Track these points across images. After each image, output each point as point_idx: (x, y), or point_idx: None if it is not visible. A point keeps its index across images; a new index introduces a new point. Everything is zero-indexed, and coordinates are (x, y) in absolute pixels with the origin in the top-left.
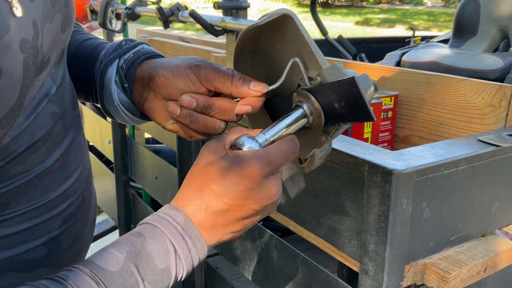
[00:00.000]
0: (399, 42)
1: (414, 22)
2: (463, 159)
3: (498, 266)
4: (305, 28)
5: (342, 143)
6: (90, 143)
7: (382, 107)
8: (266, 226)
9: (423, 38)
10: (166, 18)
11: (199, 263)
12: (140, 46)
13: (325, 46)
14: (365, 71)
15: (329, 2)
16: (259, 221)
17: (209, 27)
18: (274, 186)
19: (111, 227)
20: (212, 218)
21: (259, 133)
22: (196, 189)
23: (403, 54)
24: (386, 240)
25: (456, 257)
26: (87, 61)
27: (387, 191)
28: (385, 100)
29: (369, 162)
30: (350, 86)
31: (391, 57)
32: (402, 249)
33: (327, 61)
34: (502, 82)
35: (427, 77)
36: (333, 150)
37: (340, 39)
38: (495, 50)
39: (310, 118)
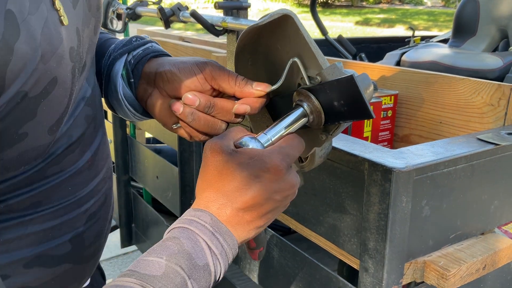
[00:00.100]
0: (399, 42)
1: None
2: (462, 158)
3: (497, 264)
4: (305, 28)
5: (342, 142)
6: None
7: (382, 106)
8: None
9: (423, 38)
10: (167, 18)
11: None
12: (149, 44)
13: (325, 46)
14: (365, 71)
15: (329, 2)
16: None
17: (210, 27)
18: (294, 176)
19: (112, 227)
20: (238, 215)
21: (261, 133)
22: (217, 189)
23: (403, 53)
24: (386, 238)
25: (455, 255)
26: (95, 54)
27: (387, 189)
28: (385, 99)
29: (369, 161)
30: (349, 84)
31: (391, 57)
32: (401, 247)
33: (327, 61)
34: (502, 82)
35: (427, 76)
36: (333, 148)
37: (340, 39)
38: (495, 50)
39: (310, 117)
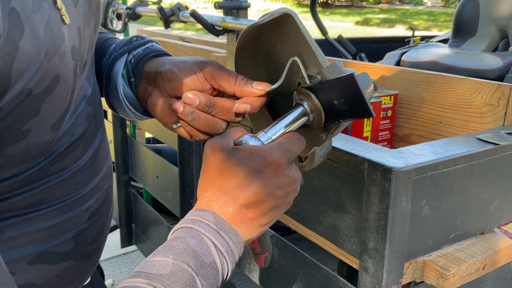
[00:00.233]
0: (399, 42)
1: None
2: (462, 157)
3: (496, 264)
4: (305, 27)
5: (342, 142)
6: None
7: (382, 106)
8: None
9: (423, 38)
10: (167, 18)
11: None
12: (150, 44)
13: (325, 46)
14: (365, 71)
15: (329, 2)
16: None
17: (210, 27)
18: (295, 171)
19: (112, 226)
20: (240, 212)
21: (261, 132)
22: (218, 187)
23: (403, 53)
24: (385, 237)
25: (455, 254)
26: (96, 53)
27: (387, 189)
28: (384, 99)
29: (368, 160)
30: (349, 82)
31: (391, 57)
32: (401, 246)
33: (327, 60)
34: (502, 82)
35: (427, 76)
36: (333, 148)
37: (340, 39)
38: (495, 50)
39: (311, 116)
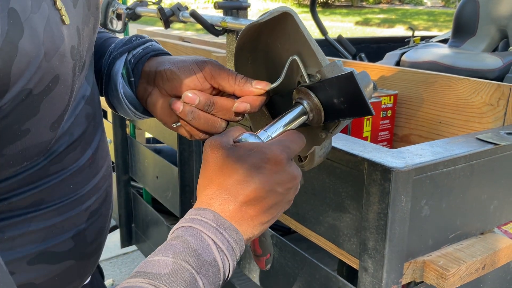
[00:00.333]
0: (399, 42)
1: (414, 22)
2: (462, 157)
3: (496, 264)
4: (304, 26)
5: (341, 142)
6: None
7: (382, 106)
8: None
9: (423, 38)
10: (167, 18)
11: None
12: (149, 43)
13: (325, 46)
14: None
15: (329, 2)
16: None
17: (209, 27)
18: (296, 168)
19: (112, 226)
20: (241, 209)
21: (260, 130)
22: (218, 185)
23: (403, 54)
24: (385, 237)
25: (455, 254)
26: (96, 53)
27: (386, 189)
28: (384, 99)
29: (368, 160)
30: (349, 80)
31: (391, 57)
32: (401, 246)
33: (327, 58)
34: (501, 82)
35: (426, 76)
36: (332, 148)
37: (340, 39)
38: (494, 50)
39: (310, 115)
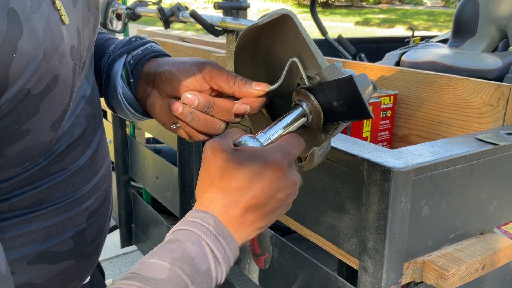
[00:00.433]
0: (399, 42)
1: (414, 22)
2: (462, 158)
3: (496, 264)
4: (304, 28)
5: (341, 142)
6: None
7: (381, 106)
8: None
9: (423, 38)
10: (167, 18)
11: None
12: (149, 44)
13: (324, 46)
14: (364, 71)
15: (329, 2)
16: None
17: (209, 27)
18: (296, 174)
19: (112, 227)
20: (241, 216)
21: (260, 132)
22: (219, 189)
23: (403, 54)
24: (385, 237)
25: (454, 254)
26: (95, 54)
27: (386, 189)
28: (384, 99)
29: (368, 161)
30: (349, 84)
31: (391, 57)
32: (401, 246)
33: (326, 60)
34: (501, 82)
35: (426, 76)
36: (332, 148)
37: (339, 39)
38: (494, 50)
39: (310, 117)
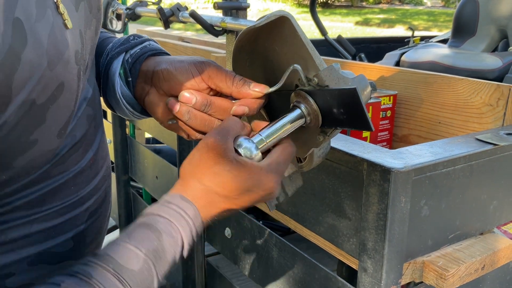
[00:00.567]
0: (399, 42)
1: (414, 22)
2: (461, 158)
3: (496, 264)
4: (302, 29)
5: (341, 142)
6: None
7: (381, 107)
8: (265, 225)
9: (423, 38)
10: (167, 18)
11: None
12: (147, 42)
13: (324, 46)
14: (364, 71)
15: (329, 2)
16: (259, 220)
17: (209, 27)
18: (278, 186)
19: (112, 227)
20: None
21: (256, 133)
22: (208, 190)
23: (403, 54)
24: (384, 238)
25: (454, 255)
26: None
27: (386, 189)
28: (384, 99)
29: (367, 161)
30: (351, 95)
31: (391, 57)
32: (400, 246)
33: (325, 62)
34: (501, 82)
35: (426, 76)
36: (332, 149)
37: (339, 39)
38: (494, 50)
39: (308, 119)
